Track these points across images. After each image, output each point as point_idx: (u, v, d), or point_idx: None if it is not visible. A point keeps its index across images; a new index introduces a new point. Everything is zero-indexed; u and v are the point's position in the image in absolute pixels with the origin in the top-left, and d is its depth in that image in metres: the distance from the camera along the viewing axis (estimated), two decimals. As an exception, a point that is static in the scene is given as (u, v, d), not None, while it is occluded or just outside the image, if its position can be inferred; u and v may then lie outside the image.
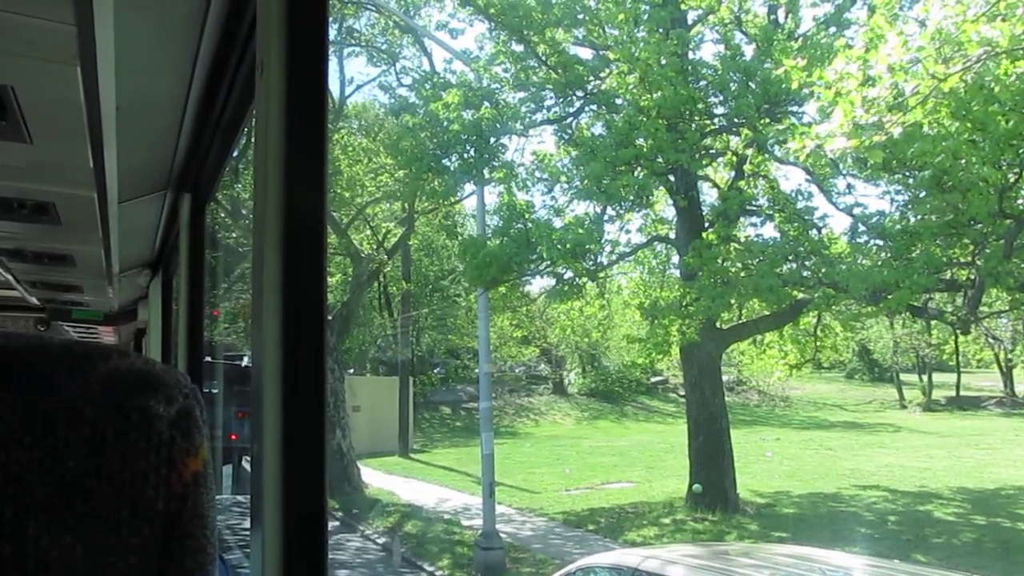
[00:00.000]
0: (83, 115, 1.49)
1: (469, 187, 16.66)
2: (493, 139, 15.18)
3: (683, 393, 23.13)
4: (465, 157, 15.02)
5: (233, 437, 15.79)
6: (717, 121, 15.44)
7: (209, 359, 16.46)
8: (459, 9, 17.11)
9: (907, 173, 13.69)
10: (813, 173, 14.71)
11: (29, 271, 3.48)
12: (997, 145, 10.81)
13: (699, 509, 14.99)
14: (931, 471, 19.79)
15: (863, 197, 45.91)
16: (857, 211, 14.80)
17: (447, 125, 14.83)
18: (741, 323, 16.54)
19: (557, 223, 15.45)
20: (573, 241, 14.12)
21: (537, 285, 19.98)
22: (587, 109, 16.44)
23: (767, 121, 13.96)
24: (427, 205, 23.25)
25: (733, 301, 14.30)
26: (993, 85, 9.74)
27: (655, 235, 18.42)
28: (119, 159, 1.81)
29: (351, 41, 22.16)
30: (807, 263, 14.34)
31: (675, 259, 18.43)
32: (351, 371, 30.58)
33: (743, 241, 15.66)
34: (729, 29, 15.64)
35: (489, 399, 14.19)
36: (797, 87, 11.57)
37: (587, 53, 16.48)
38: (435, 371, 36.70)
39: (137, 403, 0.63)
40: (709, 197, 17.60)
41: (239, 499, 14.57)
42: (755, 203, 16.00)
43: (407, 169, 16.45)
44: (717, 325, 15.62)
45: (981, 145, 10.98)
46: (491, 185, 16.00)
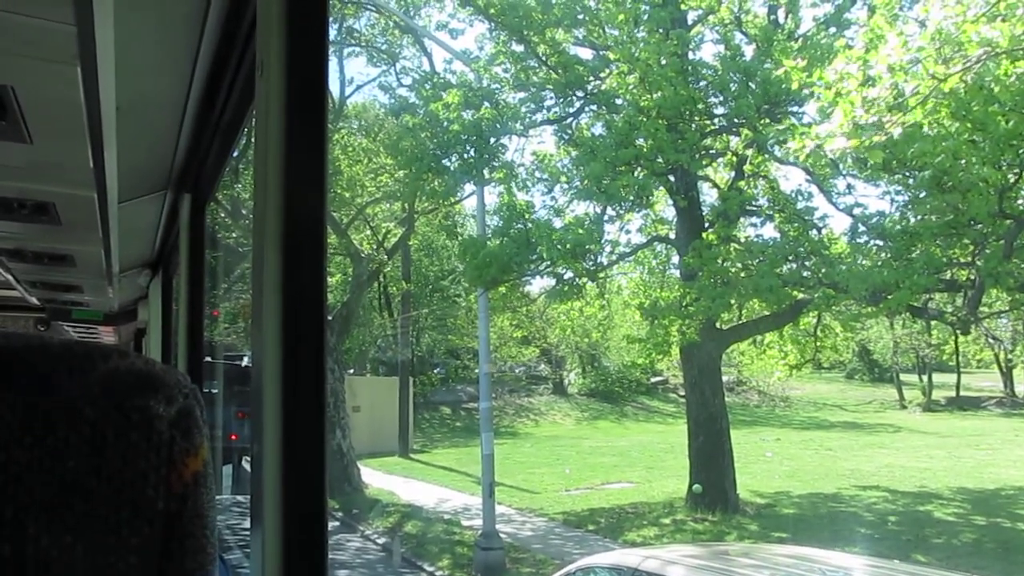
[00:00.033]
0: (83, 115, 1.49)
1: (469, 187, 16.66)
2: (493, 139, 15.18)
3: (683, 393, 23.13)
4: (465, 157, 15.02)
5: (233, 437, 15.78)
6: (717, 121, 15.44)
7: (209, 359, 16.45)
8: (459, 9, 17.13)
9: (907, 173, 13.69)
10: (813, 173, 14.70)
11: (29, 271, 3.48)
12: (997, 145, 10.81)
13: (699, 509, 14.99)
14: (931, 471, 19.79)
15: (863, 197, 45.93)
16: (857, 211, 14.82)
17: (447, 125, 14.83)
18: (741, 323, 16.54)
19: (557, 223, 15.46)
20: (573, 241, 14.12)
21: (537, 285, 20.00)
22: (587, 109, 16.44)
23: (767, 121, 13.96)
24: (427, 205, 23.26)
25: (733, 301, 14.29)
26: (993, 85, 9.74)
27: (655, 235, 18.42)
28: (119, 159, 1.80)
29: (351, 41, 22.16)
30: (807, 263, 14.34)
31: (675, 259, 18.43)
32: (351, 371, 30.58)
33: (743, 241, 15.66)
34: (729, 29, 15.64)
35: (489, 399, 14.19)
36: (797, 87, 11.57)
37: (587, 53, 16.50)
38: (435, 371, 36.69)
39: (137, 403, 0.63)
40: (709, 197, 17.61)
41: (239, 499, 14.56)
42: (755, 203, 16.00)
43: (407, 169, 16.45)
44: (717, 325, 15.62)
45: (981, 145, 10.98)
46: (491, 185, 16.01)
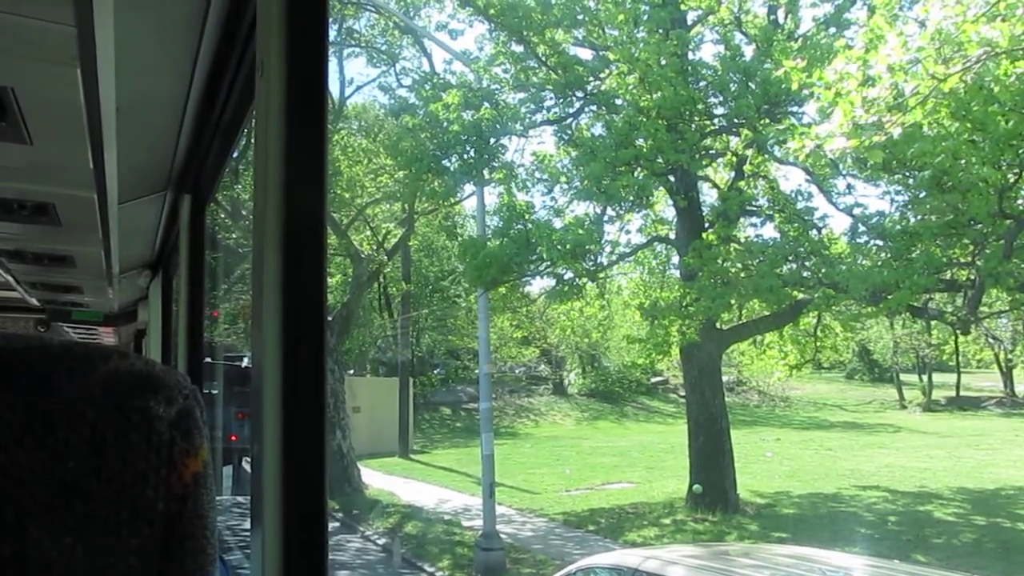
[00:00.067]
0: (83, 116, 1.49)
1: (469, 188, 16.67)
2: (493, 140, 15.18)
3: (683, 393, 23.13)
4: (465, 158, 15.02)
5: (233, 438, 15.76)
6: (717, 121, 15.44)
7: (209, 360, 16.45)
8: (459, 10, 17.12)
9: (907, 173, 13.69)
10: (813, 173, 14.70)
11: (29, 272, 3.48)
12: (997, 145, 10.81)
13: (699, 509, 14.98)
14: (931, 471, 19.79)
15: (863, 197, 45.90)
16: (857, 211, 14.81)
17: (447, 126, 14.83)
18: (741, 323, 16.53)
19: (557, 224, 15.46)
20: (573, 241, 14.12)
21: (537, 286, 19.97)
22: (587, 110, 16.44)
23: (767, 121, 13.96)
24: (427, 206, 23.27)
25: (733, 301, 14.29)
26: (993, 85, 9.74)
27: (655, 235, 18.41)
28: (119, 160, 1.80)
29: (351, 42, 22.17)
30: (807, 263, 14.34)
31: (675, 259, 18.43)
32: (351, 372, 30.57)
33: (743, 241, 15.66)
34: (729, 29, 15.64)
35: (489, 400, 14.19)
36: (797, 88, 11.57)
37: (587, 54, 16.50)
38: (435, 372, 36.69)
39: (137, 404, 0.63)
40: (709, 197, 17.61)
41: (239, 500, 14.54)
42: (755, 203, 16.00)
43: (407, 170, 16.45)
44: (717, 325, 15.62)
45: (981, 145, 10.98)
46: (491, 186, 16.01)
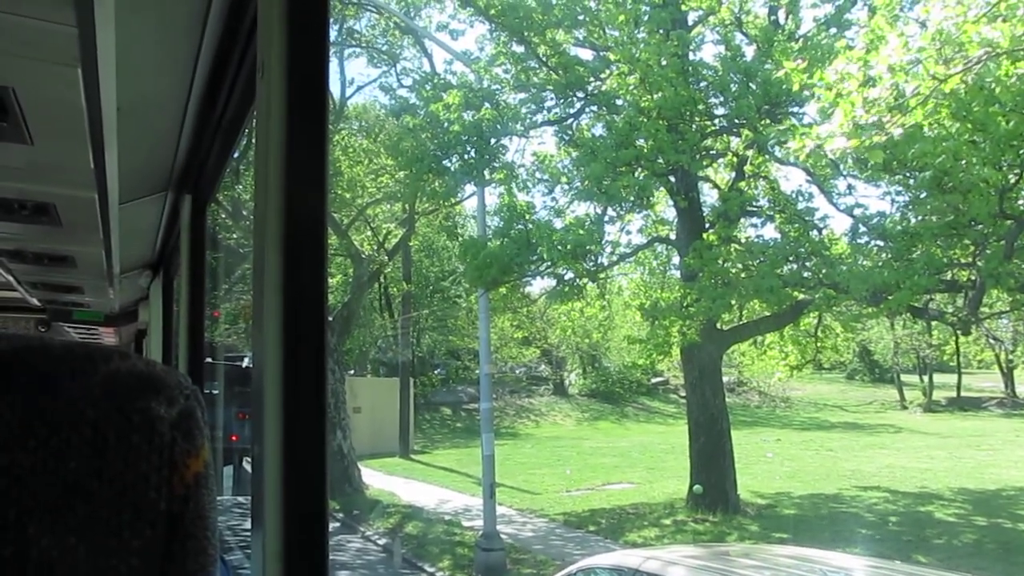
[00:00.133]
0: (84, 116, 1.49)
1: (470, 188, 16.68)
2: (494, 140, 15.19)
3: (684, 394, 23.11)
4: (466, 158, 15.02)
5: (234, 438, 15.77)
6: (718, 122, 15.43)
7: (210, 360, 16.46)
8: (459, 10, 17.10)
9: (908, 174, 13.69)
10: (814, 174, 14.70)
11: (30, 272, 3.48)
12: (997, 146, 10.81)
13: (700, 510, 14.98)
14: (932, 472, 19.78)
15: (864, 198, 46.04)
16: (858, 212, 14.82)
17: (448, 126, 14.83)
18: (742, 324, 16.53)
19: (558, 224, 15.46)
20: (574, 242, 14.12)
21: (538, 286, 19.96)
22: (587, 110, 16.44)
23: (768, 122, 13.96)
24: (428, 206, 23.29)
25: (734, 302, 14.29)
26: (994, 86, 9.73)
27: (656, 236, 18.43)
28: (120, 160, 1.80)
29: (352, 42, 22.19)
30: (808, 264, 14.34)
31: (676, 260, 18.44)
32: (352, 372, 30.57)
33: (744, 242, 15.66)
34: (729, 30, 15.65)
35: (490, 400, 14.18)
36: (798, 88, 11.57)
37: (588, 54, 16.50)
38: (436, 372, 36.70)
39: (138, 405, 0.63)
40: (710, 198, 17.60)
41: (240, 500, 14.55)
42: (756, 204, 16.00)
43: (408, 170, 16.46)
44: (718, 326, 15.61)
45: (982, 146, 10.98)
46: (492, 186, 16.01)
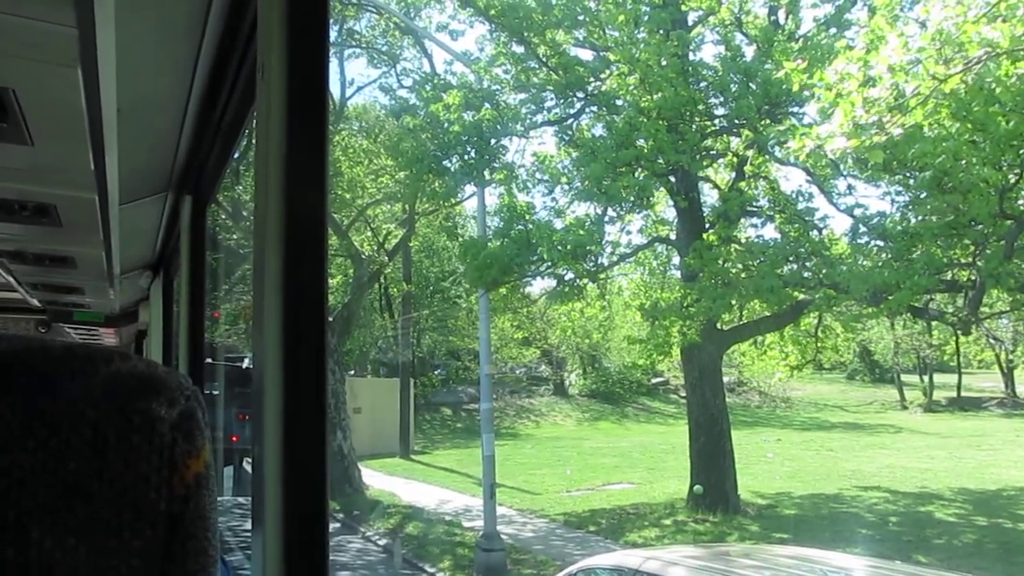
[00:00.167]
0: (84, 117, 1.49)
1: (470, 188, 16.68)
2: (494, 140, 15.19)
3: (684, 394, 23.12)
4: (466, 158, 15.02)
5: (234, 439, 15.78)
6: (718, 122, 15.44)
7: (210, 361, 16.46)
8: (459, 11, 17.11)
9: (908, 174, 13.69)
10: (814, 174, 14.71)
11: (30, 273, 3.48)
12: (998, 146, 10.81)
13: (700, 510, 14.98)
14: (932, 472, 19.78)
15: (864, 198, 46.06)
16: (858, 212, 14.82)
17: (448, 126, 14.84)
18: (742, 324, 16.53)
19: (558, 224, 15.46)
20: (574, 242, 14.12)
21: (538, 286, 19.96)
22: (587, 110, 16.44)
23: (768, 122, 13.96)
24: (428, 206, 23.28)
25: (734, 302, 14.29)
26: (994, 86, 9.73)
27: (656, 236, 18.42)
28: (120, 161, 1.80)
29: (352, 43, 22.18)
30: (808, 264, 14.34)
31: (676, 260, 18.44)
32: (352, 372, 30.57)
33: (744, 242, 15.66)
34: (729, 30, 15.65)
35: (490, 400, 14.18)
36: (798, 88, 11.57)
37: (588, 54, 16.50)
38: (436, 372, 36.70)
39: (139, 406, 0.63)
40: (710, 198, 17.60)
41: (240, 501, 14.55)
42: (756, 204, 16.00)
43: (408, 170, 16.46)
44: (718, 326, 15.61)
45: (982, 146, 10.98)
46: (492, 186, 16.01)
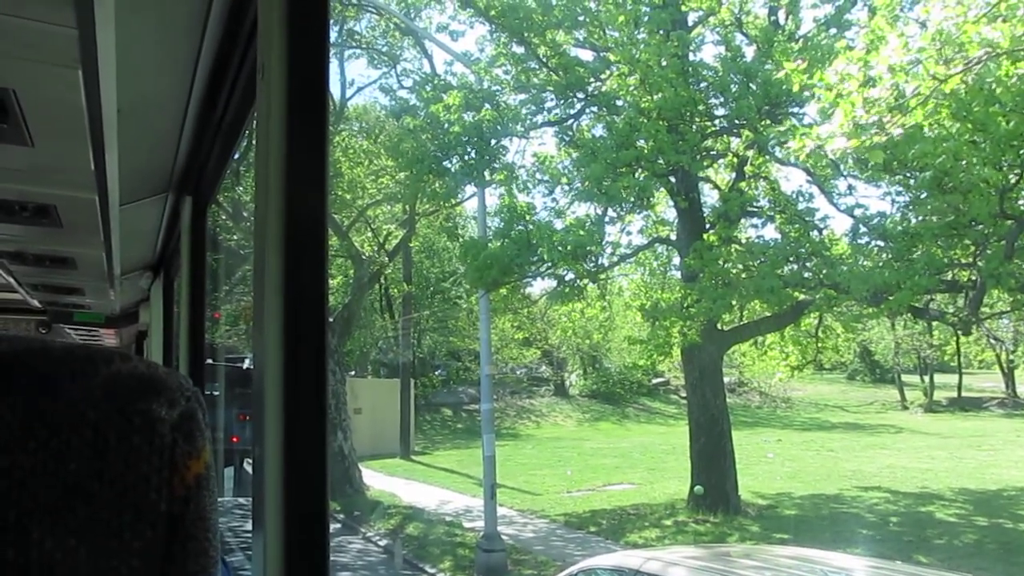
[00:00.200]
0: (84, 118, 1.49)
1: (470, 189, 16.69)
2: (494, 141, 15.19)
3: (684, 395, 23.10)
4: (466, 159, 15.02)
5: (235, 439, 15.78)
6: (718, 122, 15.43)
7: (211, 361, 16.46)
8: (460, 11, 17.11)
9: (908, 174, 13.69)
10: (814, 174, 14.70)
11: (30, 274, 3.48)
12: (998, 146, 10.80)
13: (700, 511, 14.97)
14: (933, 472, 19.77)
15: (864, 198, 46.07)
16: (858, 212, 14.82)
17: (448, 127, 14.84)
18: (742, 324, 16.52)
19: (558, 225, 15.46)
20: (574, 243, 14.12)
21: (538, 287, 19.94)
22: (588, 111, 16.44)
23: (768, 122, 13.96)
24: (428, 207, 23.26)
25: (734, 302, 14.29)
26: (994, 86, 9.73)
27: (656, 237, 18.41)
28: (120, 162, 1.80)
29: (352, 43, 22.19)
30: (808, 264, 14.33)
31: (676, 261, 18.41)
32: (352, 373, 30.56)
33: (744, 242, 15.65)
34: (730, 31, 15.65)
35: (490, 401, 14.17)
36: (798, 89, 11.57)
37: (588, 55, 16.51)
38: (436, 373, 36.68)
39: (139, 406, 0.63)
40: (710, 199, 17.60)
41: (241, 501, 14.57)
42: (756, 204, 15.99)
43: (408, 171, 16.47)
44: (718, 327, 15.60)
45: (982, 146, 10.97)
46: (492, 187, 16.01)
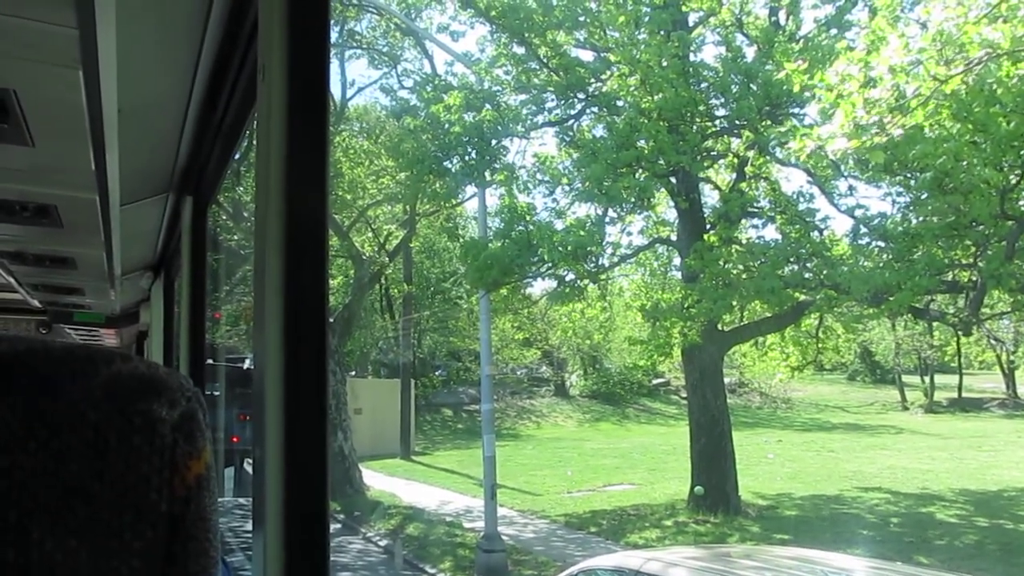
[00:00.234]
0: (85, 118, 1.49)
1: (470, 189, 16.70)
2: (494, 141, 15.20)
3: (685, 395, 23.09)
4: (466, 159, 15.03)
5: (235, 440, 15.79)
6: (718, 123, 15.43)
7: (211, 361, 16.46)
8: (460, 11, 17.11)
9: (908, 175, 13.69)
10: (815, 175, 14.70)
11: (31, 274, 3.48)
12: (998, 147, 10.80)
13: (701, 511, 14.97)
14: (933, 473, 19.76)
15: (864, 199, 46.10)
16: (859, 213, 14.82)
17: (448, 127, 14.84)
18: (743, 325, 16.51)
19: (558, 225, 15.46)
20: (574, 243, 14.12)
21: (539, 287, 19.93)
22: (588, 111, 16.44)
23: (768, 123, 13.96)
24: (428, 207, 23.27)
25: (735, 303, 14.29)
26: (994, 87, 9.72)
27: (656, 237, 18.41)
28: (121, 162, 1.80)
29: (352, 44, 22.20)
30: (809, 265, 14.33)
31: (676, 261, 18.42)
32: (353, 373, 30.56)
33: (745, 243, 15.65)
34: (730, 31, 15.65)
35: (491, 401, 14.17)
36: (798, 89, 11.57)
37: (588, 55, 16.51)
38: (437, 373, 36.69)
39: (140, 407, 0.63)
40: (710, 199, 17.60)
41: (241, 501, 14.57)
42: (757, 205, 15.99)
43: (408, 171, 16.47)
44: (719, 327, 15.60)
45: (982, 147, 10.97)
46: (492, 187, 16.01)
